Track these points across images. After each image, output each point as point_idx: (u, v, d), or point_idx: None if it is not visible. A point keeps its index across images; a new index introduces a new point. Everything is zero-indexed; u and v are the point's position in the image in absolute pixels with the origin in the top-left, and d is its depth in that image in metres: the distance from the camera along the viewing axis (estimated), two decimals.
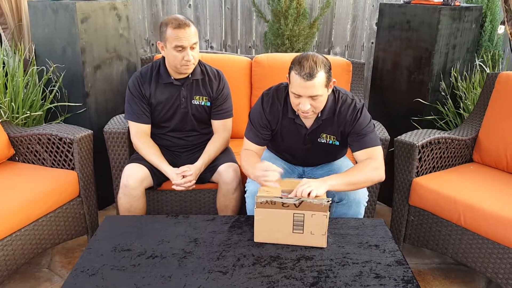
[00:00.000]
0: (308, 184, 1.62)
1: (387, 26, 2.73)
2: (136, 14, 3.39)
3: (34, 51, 2.62)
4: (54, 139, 2.23)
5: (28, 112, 2.54)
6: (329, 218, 1.59)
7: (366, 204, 1.95)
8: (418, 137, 2.22)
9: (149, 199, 2.20)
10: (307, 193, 1.59)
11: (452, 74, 2.67)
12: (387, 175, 1.87)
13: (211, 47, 3.51)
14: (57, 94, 2.60)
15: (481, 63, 2.77)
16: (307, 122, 1.91)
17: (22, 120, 2.54)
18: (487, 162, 2.34)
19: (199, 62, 2.16)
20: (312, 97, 1.72)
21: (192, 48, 2.01)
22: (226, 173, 2.08)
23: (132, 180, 2.02)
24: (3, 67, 2.54)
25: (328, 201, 1.55)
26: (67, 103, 2.60)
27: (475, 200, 1.95)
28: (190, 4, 3.41)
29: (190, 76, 2.14)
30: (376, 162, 1.82)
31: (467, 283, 2.20)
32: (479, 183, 2.12)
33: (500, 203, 1.90)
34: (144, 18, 3.44)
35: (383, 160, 1.87)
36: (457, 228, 2.02)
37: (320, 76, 1.68)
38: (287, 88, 1.88)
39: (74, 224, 2.23)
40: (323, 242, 1.61)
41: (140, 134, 2.15)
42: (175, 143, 2.23)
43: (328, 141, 1.94)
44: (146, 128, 2.17)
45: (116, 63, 2.74)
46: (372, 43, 3.44)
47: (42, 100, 2.62)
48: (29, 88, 2.59)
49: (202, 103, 2.18)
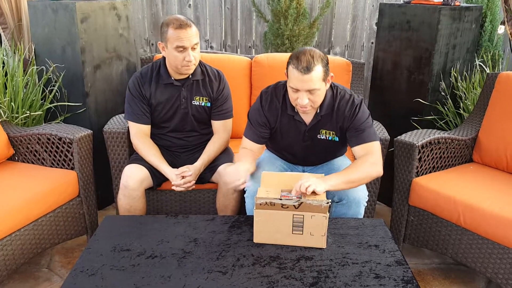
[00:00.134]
0: (307, 179, 1.62)
1: (387, 26, 2.73)
2: (136, 14, 3.39)
3: (33, 51, 2.61)
4: (53, 139, 2.23)
5: (28, 112, 2.54)
6: (328, 218, 1.59)
7: (366, 204, 1.95)
8: (418, 137, 2.22)
9: (148, 199, 2.19)
10: (305, 187, 1.59)
11: (452, 74, 2.67)
12: (387, 176, 1.87)
13: (211, 47, 3.51)
14: (56, 94, 2.60)
15: (481, 63, 2.77)
16: (306, 118, 1.91)
17: (22, 120, 2.54)
18: (487, 162, 2.34)
19: (199, 62, 2.16)
20: (310, 91, 1.73)
21: (193, 48, 2.01)
22: (226, 173, 2.08)
23: (132, 181, 2.02)
24: (3, 67, 2.53)
25: (327, 202, 1.55)
26: (66, 103, 2.60)
27: (475, 200, 1.95)
28: (190, 4, 3.41)
29: (191, 76, 2.14)
30: (374, 157, 1.83)
31: (467, 283, 2.20)
32: (479, 183, 2.11)
33: (500, 203, 1.90)
34: (144, 18, 3.44)
35: (381, 155, 1.88)
36: (457, 228, 2.02)
37: (318, 69, 1.70)
38: (285, 85, 1.89)
39: (74, 224, 2.23)
40: (323, 243, 1.61)
41: (140, 134, 2.15)
42: (175, 143, 2.23)
43: (328, 137, 1.94)
44: (146, 128, 2.17)
45: (116, 63, 2.73)
46: (372, 43, 3.44)
47: (42, 100, 2.62)
48: (28, 88, 2.59)
49: (202, 104, 2.18)
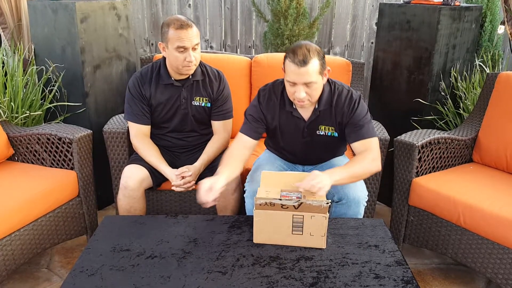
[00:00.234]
0: (318, 180, 1.61)
1: (387, 26, 2.73)
2: (136, 14, 3.39)
3: (33, 50, 2.61)
4: (53, 139, 2.23)
5: (28, 112, 2.54)
6: (328, 218, 1.59)
7: (366, 204, 1.95)
8: (417, 137, 2.22)
9: (148, 199, 2.19)
10: (315, 190, 1.59)
11: (452, 74, 2.66)
12: (387, 176, 1.87)
13: (211, 47, 3.51)
14: (56, 94, 2.60)
15: (481, 63, 2.77)
16: (305, 114, 1.92)
17: (22, 120, 2.54)
18: (486, 162, 2.34)
19: (200, 62, 2.15)
20: (306, 84, 1.74)
21: (194, 49, 2.01)
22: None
23: (132, 182, 2.02)
24: (3, 67, 2.53)
25: (327, 202, 1.55)
26: (66, 103, 2.59)
27: (475, 200, 1.95)
28: (190, 4, 3.41)
29: (191, 77, 2.14)
30: (373, 154, 1.84)
31: (466, 283, 2.20)
32: (479, 183, 2.11)
33: (499, 203, 1.90)
34: (143, 18, 3.44)
35: (380, 151, 1.89)
36: (456, 228, 2.02)
37: (314, 62, 1.71)
38: (283, 82, 1.90)
39: (74, 224, 2.23)
40: (323, 243, 1.60)
41: (140, 135, 2.15)
42: (175, 143, 2.23)
43: (327, 132, 1.95)
44: (146, 129, 2.17)
45: (116, 63, 2.73)
46: (372, 43, 3.44)
47: (42, 100, 2.62)
48: (28, 88, 2.59)
49: (202, 104, 2.18)
